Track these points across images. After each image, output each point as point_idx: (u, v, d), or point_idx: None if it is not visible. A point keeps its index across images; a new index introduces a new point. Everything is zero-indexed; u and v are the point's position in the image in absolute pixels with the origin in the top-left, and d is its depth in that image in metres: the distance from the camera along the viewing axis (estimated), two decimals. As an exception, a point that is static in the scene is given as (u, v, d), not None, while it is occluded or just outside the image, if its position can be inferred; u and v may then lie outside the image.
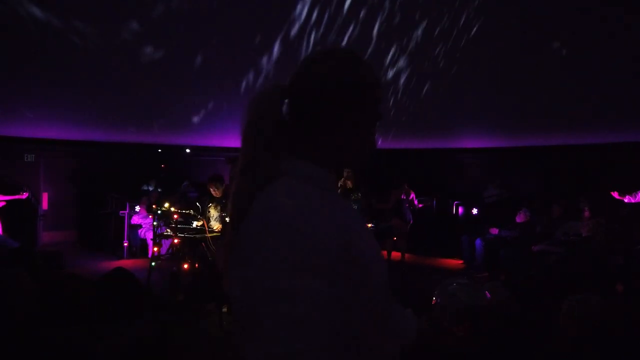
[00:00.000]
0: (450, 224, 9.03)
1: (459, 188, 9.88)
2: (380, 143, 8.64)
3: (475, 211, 8.75)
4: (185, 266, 5.25)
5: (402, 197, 7.34)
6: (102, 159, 10.02)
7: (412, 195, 7.66)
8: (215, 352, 4.08)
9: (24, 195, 7.70)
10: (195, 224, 5.46)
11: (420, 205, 8.33)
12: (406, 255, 7.37)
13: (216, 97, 5.59)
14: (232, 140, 8.95)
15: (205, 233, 5.01)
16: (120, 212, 8.35)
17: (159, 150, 10.25)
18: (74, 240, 9.65)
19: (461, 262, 7.99)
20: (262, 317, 0.76)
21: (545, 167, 9.28)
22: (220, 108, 5.98)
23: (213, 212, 5.41)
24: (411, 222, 7.40)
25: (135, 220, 8.18)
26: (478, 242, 7.42)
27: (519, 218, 7.18)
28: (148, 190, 9.29)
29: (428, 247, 8.62)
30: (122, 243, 8.16)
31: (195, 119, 6.85)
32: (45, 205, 8.81)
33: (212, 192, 5.42)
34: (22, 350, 1.75)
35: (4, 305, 1.88)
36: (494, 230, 7.35)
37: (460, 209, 9.23)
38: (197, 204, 5.57)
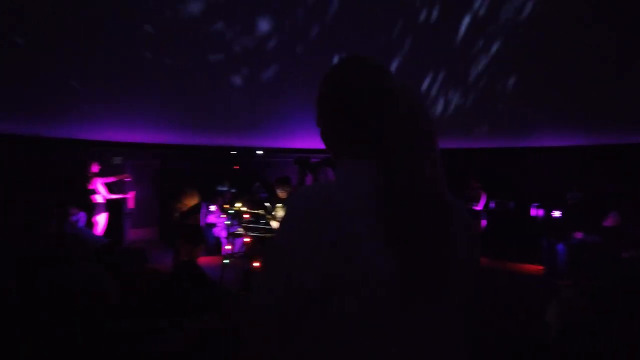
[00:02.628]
0: (529, 227, 8.52)
1: (538, 189, 9.30)
2: (453, 143, 8.35)
3: (557, 214, 8.18)
4: (256, 264, 5.41)
5: (482, 197, 7.04)
6: (181, 161, 10.62)
7: (484, 197, 7.33)
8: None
9: (131, 194, 8.48)
10: (270, 223, 5.61)
11: (492, 205, 7.92)
12: (482, 259, 7.08)
13: (287, 102, 5.72)
14: (301, 142, 9.11)
15: (274, 233, 5.14)
16: (197, 211, 8.79)
17: (233, 152, 10.67)
18: (157, 237, 10.30)
19: (541, 267, 7.52)
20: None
21: (635, 168, 8.47)
22: (291, 111, 6.12)
23: (280, 212, 5.53)
24: (484, 224, 7.09)
25: (210, 219, 8.57)
26: (560, 247, 6.94)
27: (608, 222, 6.62)
28: (222, 190, 9.70)
29: (505, 251, 8.20)
30: (199, 241, 8.57)
31: (267, 122, 7.06)
32: (131, 204, 9.47)
33: (279, 194, 5.54)
34: (105, 342, 1.89)
35: (89, 299, 2.05)
36: (578, 235, 6.84)
37: (540, 212, 8.67)
38: (267, 204, 5.72)
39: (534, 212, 8.72)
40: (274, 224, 5.48)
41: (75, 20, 3.23)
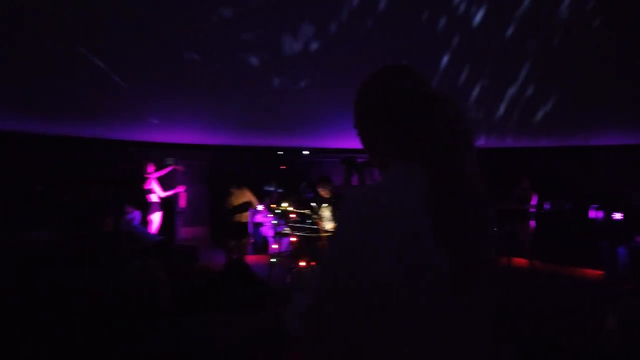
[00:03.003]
0: (587, 229, 8.08)
1: (596, 190, 8.80)
2: (505, 142, 8.07)
3: (618, 216, 7.71)
4: (302, 263, 5.46)
5: (533, 197, 6.75)
6: (230, 161, 10.89)
7: (534, 197, 7.01)
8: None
9: (182, 188, 8.83)
10: (317, 223, 5.64)
11: (547, 206, 7.54)
12: (535, 262, 6.78)
13: (333, 103, 5.73)
14: (347, 142, 9.10)
15: (320, 232, 5.16)
16: (244, 210, 8.97)
17: (280, 153, 10.82)
18: (207, 236, 10.61)
19: (600, 272, 7.12)
20: None
21: None
22: (337, 112, 6.12)
23: (326, 212, 5.54)
24: (533, 225, 6.78)
25: (258, 218, 8.73)
26: (622, 250, 6.55)
27: (675, 225, 6.18)
28: (269, 190, 9.85)
29: (561, 255, 7.83)
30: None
31: (314, 123, 7.11)
32: (182, 203, 9.81)
33: (321, 193, 5.55)
34: (157, 335, 1.96)
35: (144, 294, 2.13)
36: (642, 238, 6.43)
37: (600, 213, 8.21)
38: (313, 204, 5.75)
39: (592, 214, 8.26)
40: (321, 224, 5.50)
41: (130, 26, 3.38)
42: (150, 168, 8.10)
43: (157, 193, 8.04)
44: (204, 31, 3.54)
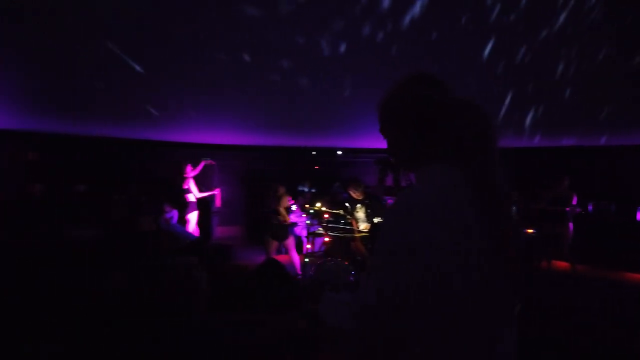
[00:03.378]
0: (634, 232, 7.73)
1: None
2: (545, 141, 7.82)
3: (667, 218, 7.35)
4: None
5: (573, 198, 6.49)
6: (265, 162, 11.03)
7: (575, 198, 6.74)
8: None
9: (217, 191, 9.05)
10: (352, 223, 5.64)
11: (578, 210, 7.21)
12: (577, 266, 6.53)
13: (367, 103, 5.71)
14: (381, 142, 9.03)
15: (354, 233, 5.15)
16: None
17: (313, 153, 10.86)
18: (242, 235, 10.78)
19: (648, 277, 6.80)
20: None
21: None
22: (370, 112, 6.09)
23: (360, 213, 5.52)
24: (571, 227, 6.52)
25: (292, 218, 8.78)
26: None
27: None
28: (303, 190, 9.91)
29: (606, 258, 7.52)
30: (281, 239, 8.84)
31: (346, 124, 7.10)
32: (218, 202, 10.00)
33: (352, 194, 5.53)
34: (194, 331, 2.01)
35: (183, 291, 2.19)
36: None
37: (648, 215, 7.84)
38: (347, 204, 5.75)
39: (640, 215, 7.90)
40: (362, 225, 5.49)
41: (162, 26, 3.46)
42: (189, 168, 8.31)
43: (193, 193, 8.24)
44: (239, 33, 3.60)
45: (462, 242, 1.00)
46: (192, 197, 8.25)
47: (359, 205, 5.58)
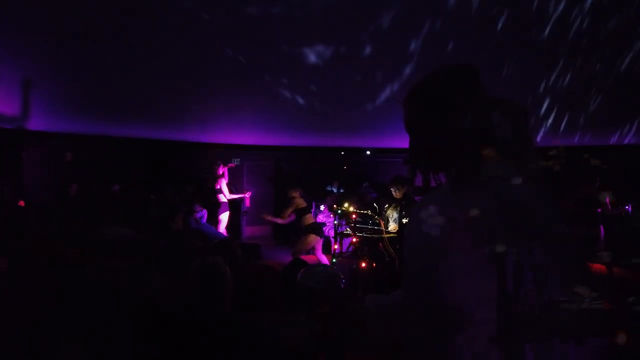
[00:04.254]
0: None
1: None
2: (587, 139, 7.54)
3: None
4: (363, 264, 5.41)
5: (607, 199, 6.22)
6: (293, 162, 11.06)
7: (607, 200, 6.42)
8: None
9: (248, 194, 9.14)
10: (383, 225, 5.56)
11: (616, 211, 6.85)
12: (615, 269, 6.25)
13: (395, 102, 5.64)
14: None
15: (382, 234, 5.09)
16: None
17: (342, 153, 10.83)
18: (270, 235, 10.84)
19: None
20: None
21: None
22: (398, 111, 6.01)
23: (391, 213, 5.45)
24: (602, 229, 6.24)
25: (320, 218, 8.76)
26: None
27: None
28: (331, 190, 9.88)
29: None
30: (309, 239, 8.83)
31: (374, 123, 7.04)
32: (247, 203, 10.09)
33: (393, 193, 5.45)
34: (226, 329, 2.02)
35: (212, 289, 2.20)
36: None
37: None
38: (375, 204, 5.69)
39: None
40: (392, 225, 5.41)
41: (197, 36, 3.51)
42: (221, 169, 8.42)
43: (225, 194, 8.34)
44: (267, 34, 3.60)
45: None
46: (223, 198, 8.35)
47: (393, 204, 5.48)
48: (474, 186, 1.04)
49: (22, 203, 7.20)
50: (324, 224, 8.70)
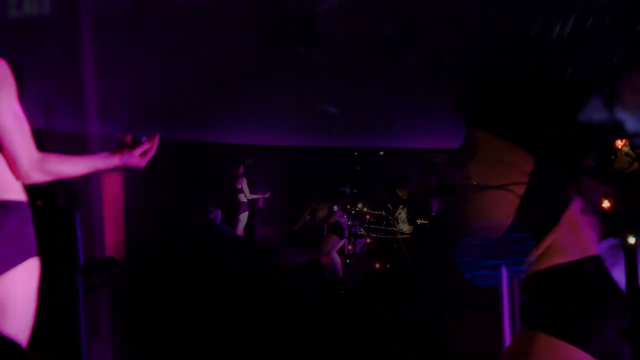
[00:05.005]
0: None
1: None
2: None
3: None
4: (377, 265, 5.40)
5: None
6: (307, 162, 11.07)
7: None
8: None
9: (267, 195, 9.22)
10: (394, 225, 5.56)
11: None
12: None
13: (407, 105, 5.60)
14: (424, 142, 8.87)
15: (396, 234, 5.08)
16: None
17: (355, 153, 10.81)
18: (284, 235, 10.85)
19: None
20: None
21: None
22: (411, 112, 5.97)
23: (401, 214, 5.44)
24: None
25: (333, 219, 8.76)
26: None
27: None
28: (345, 191, 9.87)
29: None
30: (323, 240, 8.82)
31: (392, 122, 7.00)
32: (261, 203, 10.12)
33: (399, 194, 5.46)
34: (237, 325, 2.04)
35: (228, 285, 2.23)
36: None
37: None
38: (388, 205, 5.67)
39: None
40: (404, 226, 5.40)
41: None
42: (241, 169, 8.48)
43: (245, 194, 8.39)
44: (283, 35, 3.61)
45: None
46: (243, 198, 8.40)
47: (401, 205, 5.49)
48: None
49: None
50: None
